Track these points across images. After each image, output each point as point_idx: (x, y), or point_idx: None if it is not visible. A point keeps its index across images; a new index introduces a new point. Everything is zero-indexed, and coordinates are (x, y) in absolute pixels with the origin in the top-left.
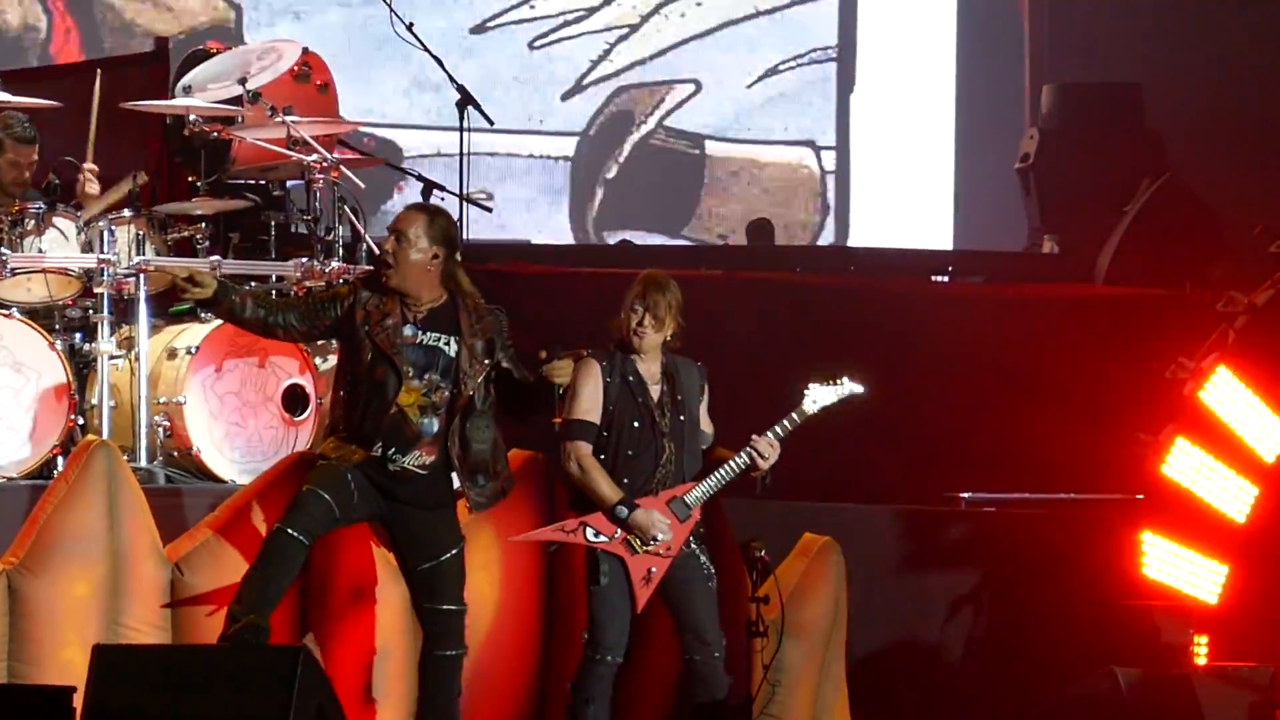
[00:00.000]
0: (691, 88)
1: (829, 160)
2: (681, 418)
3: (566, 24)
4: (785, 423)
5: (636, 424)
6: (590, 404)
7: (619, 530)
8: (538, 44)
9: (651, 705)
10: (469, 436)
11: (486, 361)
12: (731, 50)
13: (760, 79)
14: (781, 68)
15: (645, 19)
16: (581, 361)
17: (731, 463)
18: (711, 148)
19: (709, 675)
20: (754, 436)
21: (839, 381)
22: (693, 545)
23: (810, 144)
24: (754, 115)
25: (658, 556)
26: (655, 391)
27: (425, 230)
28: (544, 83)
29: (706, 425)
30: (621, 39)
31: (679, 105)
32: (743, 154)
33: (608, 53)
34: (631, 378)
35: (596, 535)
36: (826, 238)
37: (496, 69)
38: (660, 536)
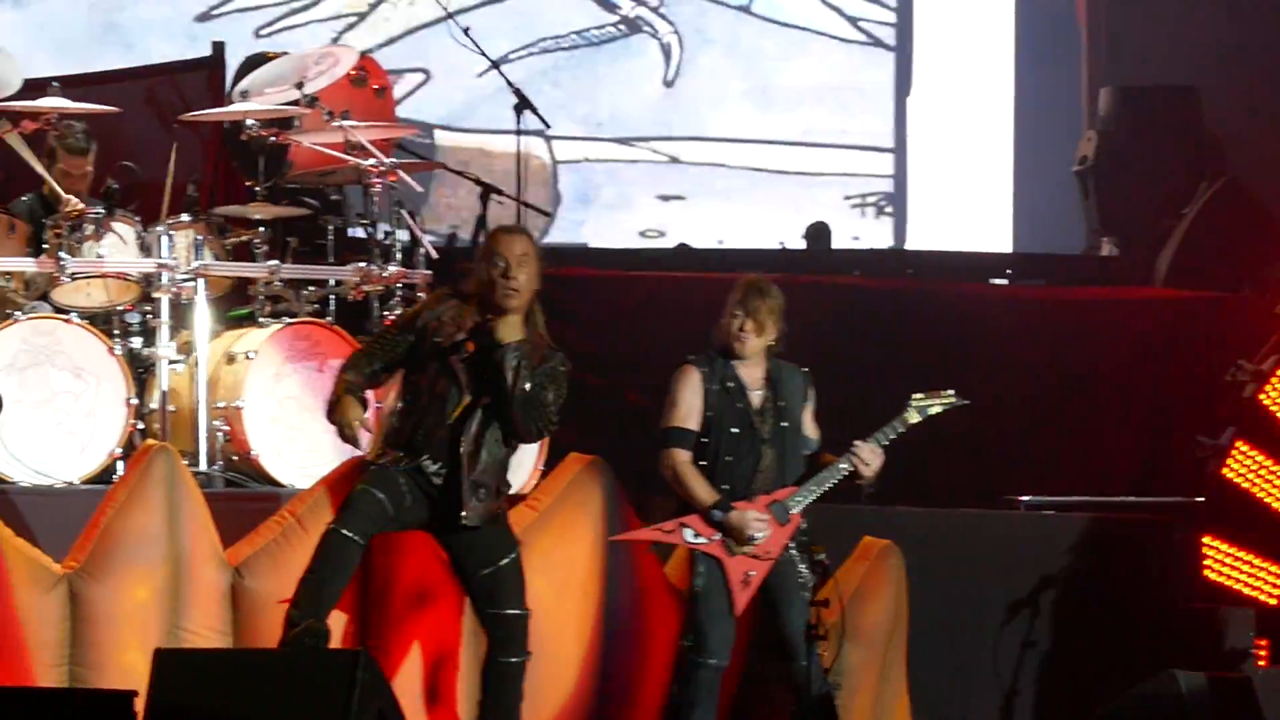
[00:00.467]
0: (421, 77)
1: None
2: (784, 423)
3: (294, 11)
4: (888, 430)
5: (735, 430)
6: (688, 410)
7: (717, 532)
8: (264, 32)
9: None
10: (484, 446)
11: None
12: (462, 39)
13: (490, 68)
14: (512, 57)
15: (373, 7)
16: (680, 368)
17: (833, 468)
18: (441, 137)
19: (799, 685)
20: (856, 443)
21: (944, 393)
22: (792, 551)
23: (540, 134)
24: (484, 105)
25: (756, 560)
26: (757, 397)
27: (539, 261)
28: None
29: (811, 431)
30: (350, 27)
31: (408, 95)
32: (473, 144)
33: (336, 40)
34: (731, 383)
35: (695, 536)
36: (559, 232)
37: None
38: (757, 536)
